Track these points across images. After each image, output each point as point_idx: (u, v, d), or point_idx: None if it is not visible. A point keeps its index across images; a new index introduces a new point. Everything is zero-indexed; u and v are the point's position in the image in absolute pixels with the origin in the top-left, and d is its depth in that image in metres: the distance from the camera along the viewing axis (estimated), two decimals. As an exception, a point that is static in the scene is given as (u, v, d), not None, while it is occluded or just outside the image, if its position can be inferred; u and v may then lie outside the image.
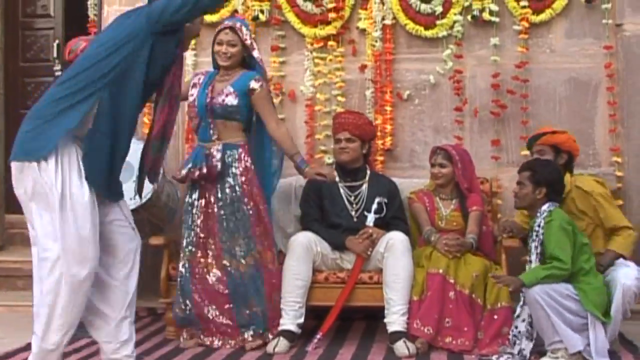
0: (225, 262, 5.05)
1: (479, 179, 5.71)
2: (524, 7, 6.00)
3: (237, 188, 5.08)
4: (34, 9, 7.73)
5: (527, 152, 5.74)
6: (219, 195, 5.09)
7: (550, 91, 6.06)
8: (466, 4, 6.04)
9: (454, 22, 6.05)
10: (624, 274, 4.74)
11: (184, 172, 5.14)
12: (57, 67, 7.57)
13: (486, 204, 5.57)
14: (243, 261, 5.04)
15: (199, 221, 5.12)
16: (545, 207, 4.74)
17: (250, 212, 5.08)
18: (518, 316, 4.72)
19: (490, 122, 6.06)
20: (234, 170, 5.10)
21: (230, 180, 5.08)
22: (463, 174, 5.42)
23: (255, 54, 5.28)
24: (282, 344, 4.90)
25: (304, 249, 5.07)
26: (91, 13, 6.37)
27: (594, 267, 4.69)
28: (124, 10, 6.12)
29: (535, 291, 4.48)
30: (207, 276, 5.07)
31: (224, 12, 6.14)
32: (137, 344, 4.89)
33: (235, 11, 6.16)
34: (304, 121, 6.19)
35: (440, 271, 4.96)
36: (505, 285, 4.66)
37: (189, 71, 5.99)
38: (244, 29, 5.24)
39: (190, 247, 5.13)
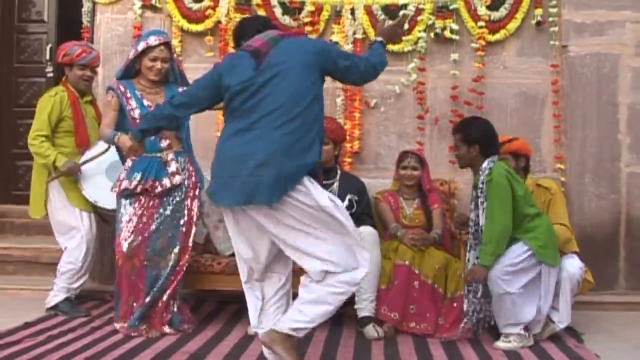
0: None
1: (439, 181, 5.76)
2: (481, 27, 6.06)
3: (182, 195, 4.94)
4: (29, 15, 7.61)
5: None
6: (163, 205, 4.90)
7: (502, 103, 6.12)
8: (429, 22, 6.08)
9: (418, 38, 6.09)
10: (570, 264, 4.83)
11: (134, 183, 4.82)
12: (49, 68, 7.47)
13: (445, 204, 5.60)
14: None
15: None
16: (485, 164, 4.72)
17: (186, 217, 4.93)
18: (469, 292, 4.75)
19: (448, 129, 6.04)
20: (185, 178, 4.96)
21: (179, 189, 4.93)
22: (427, 176, 5.46)
23: (177, 66, 5.15)
24: None
25: None
26: (85, 20, 6.25)
27: (537, 209, 4.74)
28: (116, 18, 6.18)
29: (495, 275, 4.53)
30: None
31: (208, 22, 6.10)
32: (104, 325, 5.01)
33: (219, 22, 6.10)
34: (280, 124, 6.11)
35: (407, 263, 4.97)
36: (477, 278, 4.61)
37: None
38: (171, 44, 5.12)
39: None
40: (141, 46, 4.91)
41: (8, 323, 4.90)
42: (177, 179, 4.87)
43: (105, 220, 5.49)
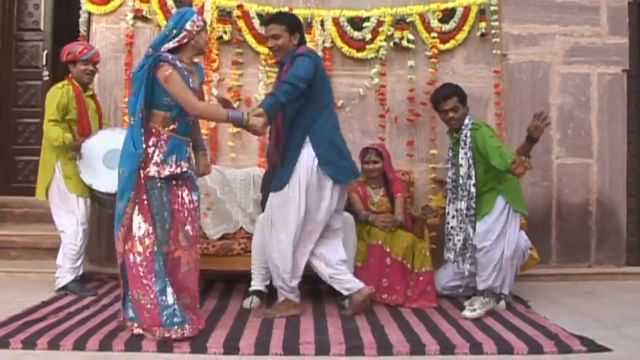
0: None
1: (401, 172, 5.88)
2: (434, 37, 6.20)
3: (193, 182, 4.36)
4: (26, 24, 7.49)
5: (435, 151, 5.97)
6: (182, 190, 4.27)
7: (452, 104, 6.26)
8: (389, 33, 6.18)
9: (380, 47, 6.18)
10: (519, 237, 4.98)
11: (174, 167, 4.16)
12: (45, 72, 7.40)
13: (406, 191, 5.73)
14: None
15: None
16: (467, 120, 4.86)
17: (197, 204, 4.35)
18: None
19: (406, 127, 6.22)
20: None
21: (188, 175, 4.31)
22: (388, 166, 5.57)
23: None
24: (255, 301, 4.93)
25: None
26: (81, 29, 6.17)
27: None
28: (110, 27, 6.13)
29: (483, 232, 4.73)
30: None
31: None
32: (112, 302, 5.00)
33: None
34: (257, 123, 6.16)
35: (379, 242, 5.12)
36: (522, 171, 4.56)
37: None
38: None
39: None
40: (201, 22, 4.23)
41: (26, 302, 4.89)
42: (187, 165, 4.26)
43: (101, 204, 5.46)
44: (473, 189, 4.73)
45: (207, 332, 4.17)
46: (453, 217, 4.89)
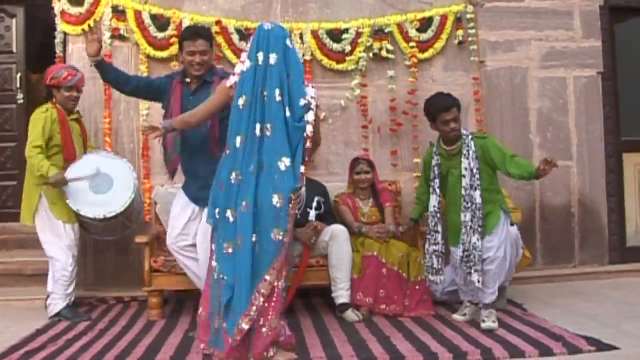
0: None
1: (387, 182, 5.97)
2: (412, 47, 6.34)
3: None
4: (-2, 47, 7.49)
5: (419, 160, 6.05)
6: None
7: (433, 112, 6.37)
8: (368, 44, 6.29)
9: (359, 58, 6.29)
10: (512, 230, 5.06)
11: None
12: (20, 96, 7.35)
13: (394, 201, 5.81)
14: None
15: None
16: (464, 130, 4.91)
17: None
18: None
19: (389, 137, 6.34)
20: None
21: None
22: (377, 177, 5.68)
23: None
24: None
25: None
26: (58, 50, 6.14)
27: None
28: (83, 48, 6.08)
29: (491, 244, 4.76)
30: None
31: (173, 49, 6.10)
32: (127, 325, 5.01)
33: (182, 49, 6.12)
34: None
35: (375, 254, 5.21)
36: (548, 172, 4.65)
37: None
38: None
39: None
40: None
41: (19, 331, 4.85)
42: None
43: (86, 229, 5.43)
44: (479, 200, 4.77)
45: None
46: (436, 244, 4.98)
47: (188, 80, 4.87)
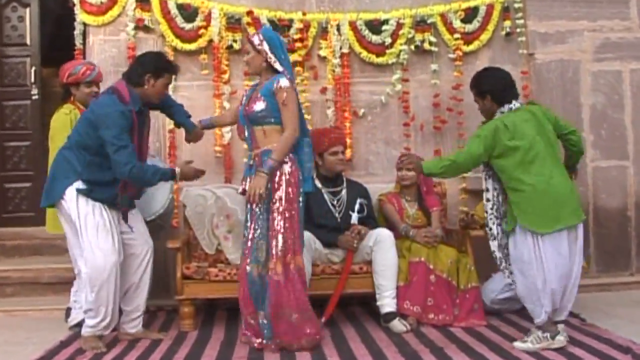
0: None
1: (432, 183, 5.95)
2: (457, 39, 6.33)
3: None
4: (11, 38, 7.43)
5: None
6: None
7: (480, 108, 6.37)
8: (410, 35, 6.29)
9: (400, 51, 6.29)
10: None
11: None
12: (34, 91, 7.36)
13: (441, 204, 5.80)
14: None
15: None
16: (502, 108, 4.72)
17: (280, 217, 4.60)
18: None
19: (432, 134, 6.34)
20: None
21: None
22: (422, 178, 5.61)
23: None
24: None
25: (305, 247, 4.90)
26: (77, 42, 6.14)
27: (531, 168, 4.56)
28: (109, 39, 6.13)
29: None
30: None
31: (201, 41, 6.15)
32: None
33: (211, 41, 6.16)
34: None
35: (422, 259, 5.19)
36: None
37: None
38: None
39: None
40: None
41: (41, 343, 4.83)
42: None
43: None
44: None
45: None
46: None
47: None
